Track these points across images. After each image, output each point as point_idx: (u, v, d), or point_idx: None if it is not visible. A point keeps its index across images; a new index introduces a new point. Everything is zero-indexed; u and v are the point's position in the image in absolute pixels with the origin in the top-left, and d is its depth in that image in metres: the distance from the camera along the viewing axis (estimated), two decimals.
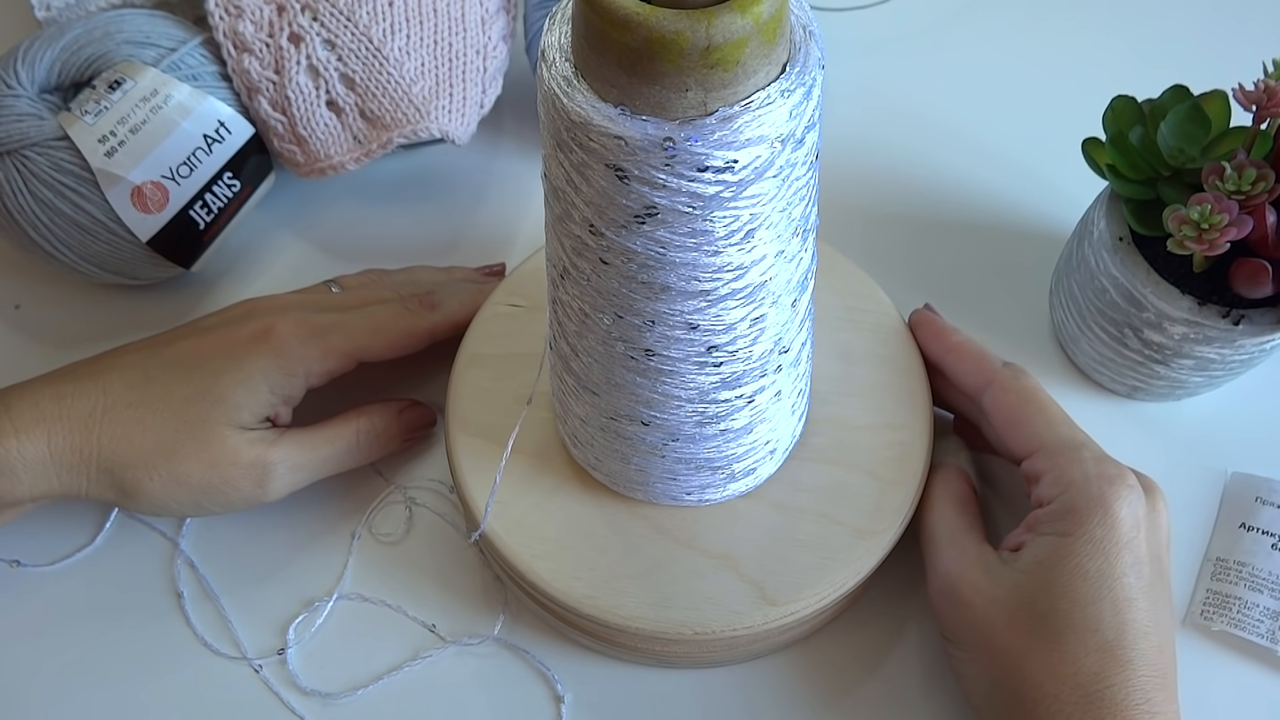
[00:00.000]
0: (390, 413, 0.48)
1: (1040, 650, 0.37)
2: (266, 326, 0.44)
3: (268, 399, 0.43)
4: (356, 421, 0.46)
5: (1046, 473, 0.41)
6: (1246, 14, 0.64)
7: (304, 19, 0.51)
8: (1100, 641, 0.37)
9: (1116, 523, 0.38)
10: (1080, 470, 0.40)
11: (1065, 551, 0.38)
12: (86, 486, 0.42)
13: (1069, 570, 0.38)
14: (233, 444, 0.42)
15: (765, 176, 0.30)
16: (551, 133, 0.32)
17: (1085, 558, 0.38)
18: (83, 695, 0.44)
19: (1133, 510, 0.39)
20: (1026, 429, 0.42)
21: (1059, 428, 0.42)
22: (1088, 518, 0.38)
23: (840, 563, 0.42)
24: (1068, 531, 0.39)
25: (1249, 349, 0.44)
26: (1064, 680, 0.36)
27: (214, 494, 0.43)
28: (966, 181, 0.58)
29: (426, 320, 0.48)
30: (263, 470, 0.43)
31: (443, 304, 0.49)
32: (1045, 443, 0.41)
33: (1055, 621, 0.37)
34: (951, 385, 0.45)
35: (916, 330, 0.47)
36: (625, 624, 0.41)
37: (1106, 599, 0.37)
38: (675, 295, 0.33)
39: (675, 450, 0.39)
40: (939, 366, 0.46)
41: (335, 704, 0.44)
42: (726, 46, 0.27)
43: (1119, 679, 0.36)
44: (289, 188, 0.57)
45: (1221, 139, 0.44)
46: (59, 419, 0.41)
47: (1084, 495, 0.39)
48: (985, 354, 0.44)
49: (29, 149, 0.47)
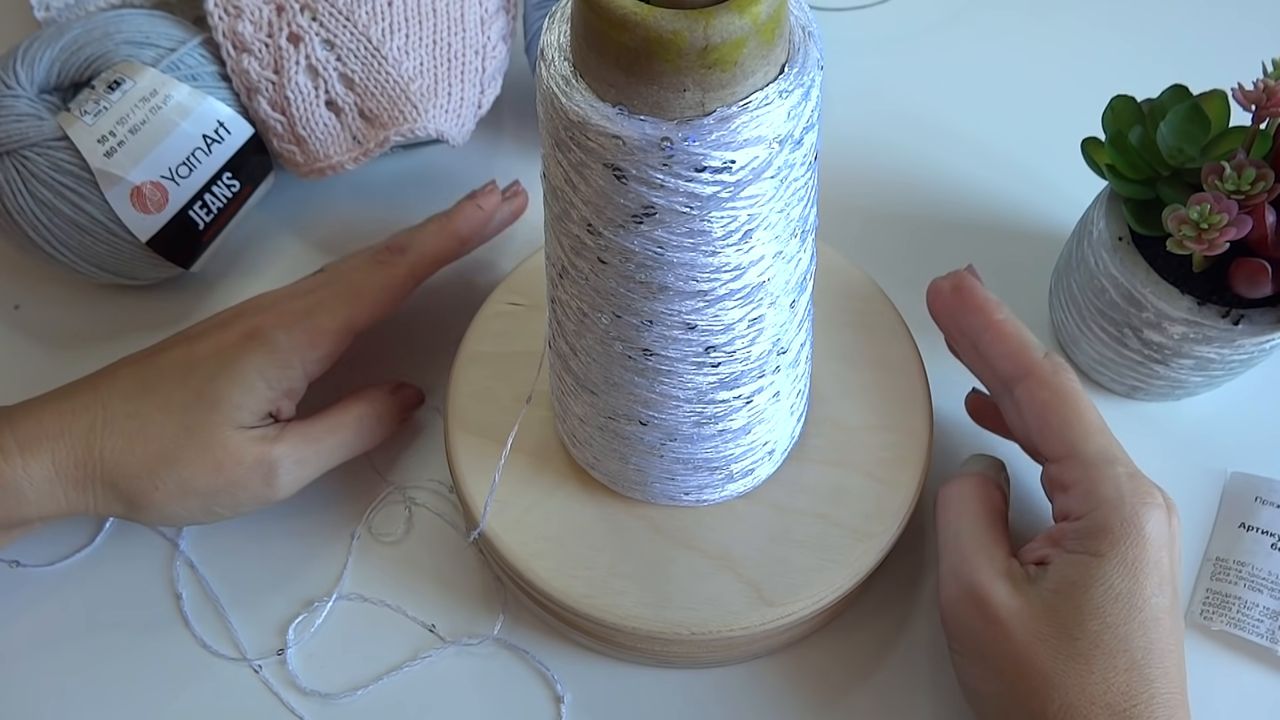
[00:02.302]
0: (384, 393, 0.48)
1: (1071, 671, 0.36)
2: (253, 327, 0.44)
3: (266, 395, 0.43)
4: (356, 406, 0.46)
5: (1077, 485, 0.39)
6: (1246, 14, 0.64)
7: (303, 19, 0.51)
8: (1129, 662, 0.36)
9: (1148, 544, 0.37)
10: (1114, 488, 0.38)
11: (1098, 573, 0.37)
12: (93, 503, 0.42)
13: (1101, 592, 0.37)
14: (235, 444, 0.42)
15: (763, 177, 0.30)
16: (550, 132, 0.32)
17: (1117, 579, 0.37)
18: (82, 696, 0.44)
19: (1160, 531, 0.38)
20: (1061, 432, 0.40)
21: (1095, 437, 0.40)
22: (1120, 539, 0.37)
23: (838, 564, 0.42)
24: (1100, 552, 0.38)
25: (1249, 349, 0.44)
26: (1094, 700, 0.36)
27: (222, 497, 0.43)
28: (966, 181, 0.58)
29: (401, 266, 0.47)
30: (269, 467, 0.43)
31: (413, 243, 0.48)
32: (1079, 452, 0.40)
33: (1085, 643, 0.36)
34: (983, 363, 0.43)
35: (951, 297, 0.43)
36: (622, 623, 0.41)
37: (1136, 620, 0.37)
38: (673, 295, 0.33)
39: (673, 450, 0.39)
40: (973, 342, 0.43)
41: (335, 704, 0.44)
42: (724, 47, 0.27)
43: (1144, 697, 0.36)
44: (289, 188, 0.57)
45: (1221, 139, 0.44)
46: (61, 435, 0.41)
47: (1118, 515, 0.38)
48: (1027, 339, 0.42)
49: (28, 149, 0.47)
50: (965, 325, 0.43)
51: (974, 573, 0.39)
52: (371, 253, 0.48)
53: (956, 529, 0.41)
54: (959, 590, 0.40)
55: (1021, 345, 0.41)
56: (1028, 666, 0.37)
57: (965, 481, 0.43)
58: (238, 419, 0.42)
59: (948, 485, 0.43)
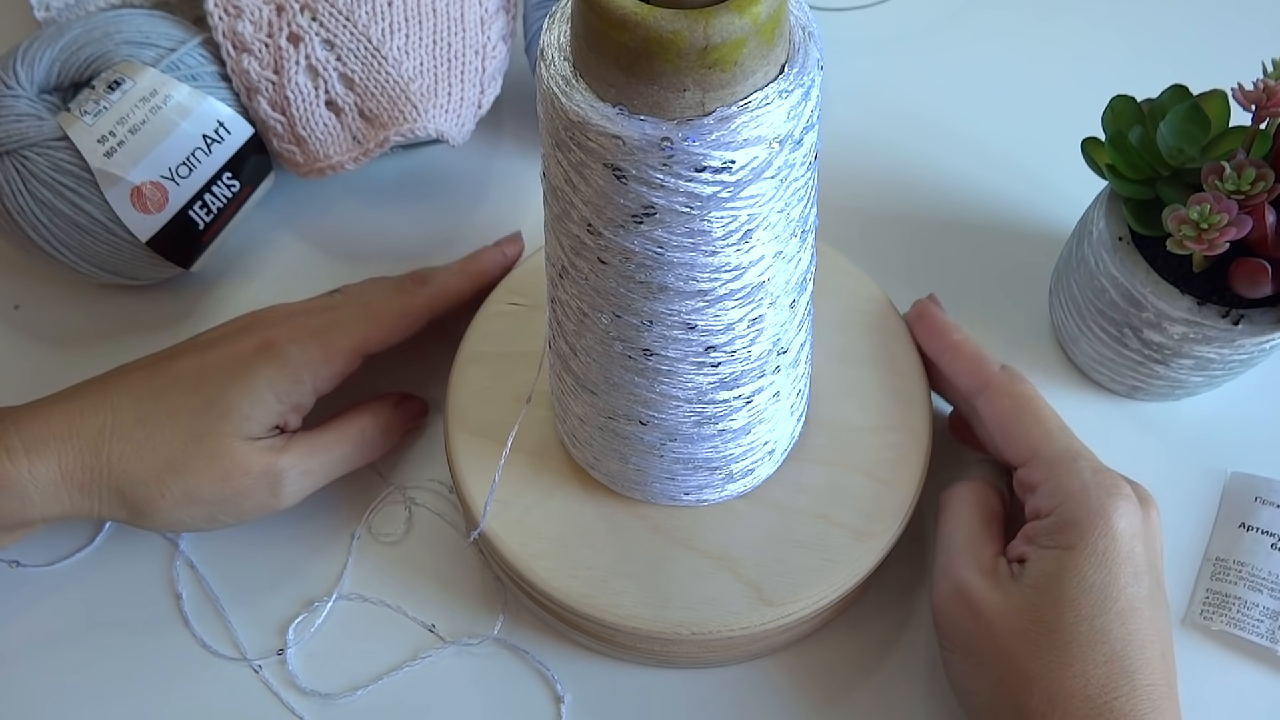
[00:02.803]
0: (388, 405, 0.48)
1: (1050, 664, 0.37)
2: (267, 340, 0.44)
3: (275, 408, 0.43)
4: (360, 418, 0.46)
5: (1043, 483, 0.41)
6: (1246, 14, 0.64)
7: (303, 19, 0.51)
8: (1108, 653, 0.37)
9: (1116, 535, 0.38)
10: (1078, 481, 0.40)
11: (1069, 565, 0.38)
12: (98, 507, 0.42)
13: (1074, 584, 0.38)
14: (242, 454, 0.42)
15: (763, 177, 0.30)
16: (550, 132, 0.32)
17: (1088, 570, 0.38)
18: (82, 695, 0.44)
19: (1131, 522, 0.39)
20: (1022, 437, 0.42)
21: (1056, 437, 0.42)
22: (1088, 530, 0.38)
23: (838, 564, 0.42)
24: (1070, 545, 0.38)
25: (1248, 349, 0.44)
26: (1074, 694, 0.36)
27: (227, 506, 0.43)
28: (966, 181, 0.58)
29: (421, 297, 0.48)
30: (274, 477, 0.43)
31: (434, 278, 0.49)
32: (1041, 452, 0.41)
33: (1063, 635, 0.37)
34: (946, 381, 0.45)
35: (915, 324, 0.47)
36: (622, 623, 0.41)
37: (1112, 611, 0.37)
38: (673, 295, 0.33)
39: (673, 450, 0.39)
40: (935, 363, 0.46)
41: (335, 704, 0.44)
42: (724, 47, 0.27)
43: (1125, 690, 0.36)
44: (289, 188, 0.57)
45: (1221, 139, 0.44)
46: (69, 438, 0.41)
47: (1083, 507, 0.39)
48: (982, 356, 0.44)
49: (28, 149, 0.47)
50: (928, 348, 0.46)
51: (961, 570, 0.40)
52: (393, 281, 0.49)
53: (951, 530, 0.42)
54: (948, 587, 0.41)
55: (978, 360, 0.44)
56: (1011, 661, 0.38)
57: (965, 485, 0.44)
58: (246, 430, 0.43)
59: (949, 489, 0.44)
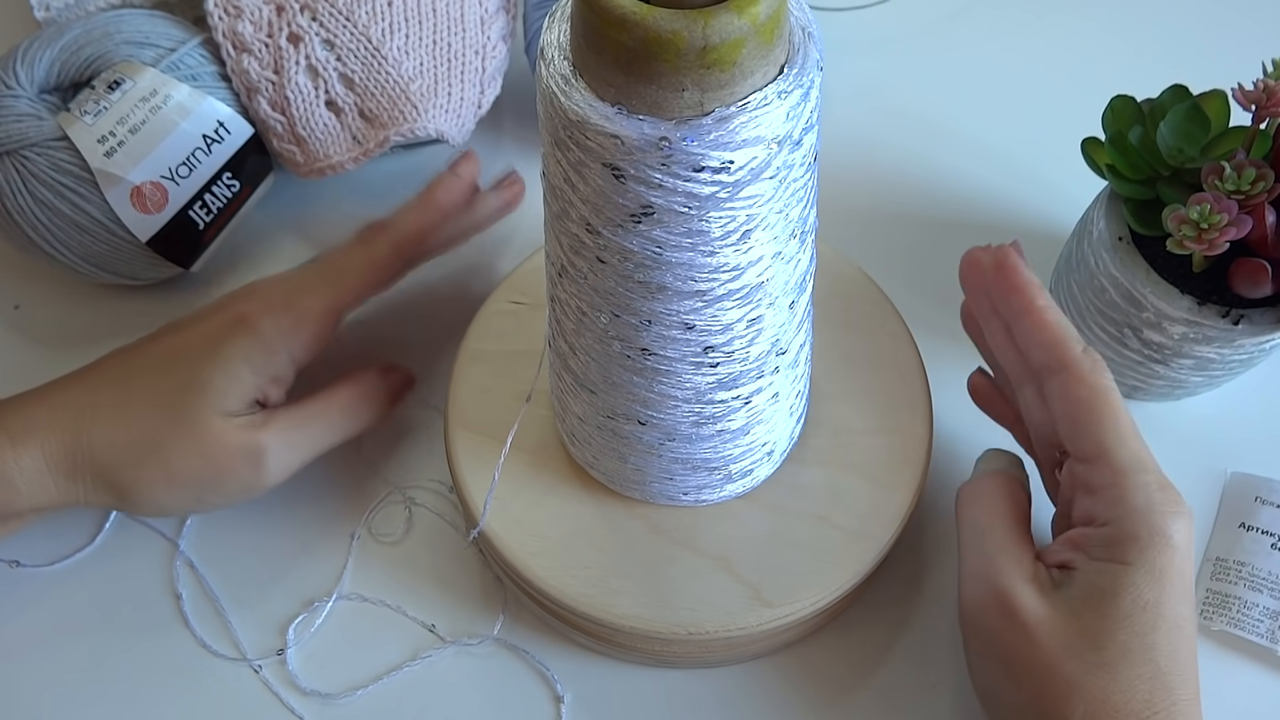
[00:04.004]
0: (373, 374, 0.47)
1: (1096, 679, 0.36)
2: (239, 314, 0.44)
3: (251, 381, 0.43)
4: (343, 389, 0.46)
5: (1106, 489, 0.38)
6: (1246, 14, 0.64)
7: (303, 19, 0.51)
8: (1153, 670, 0.36)
9: (1175, 553, 0.37)
10: (1143, 497, 0.37)
11: (1126, 581, 0.37)
12: (84, 493, 0.42)
13: (1129, 601, 0.36)
14: (221, 431, 0.42)
15: (762, 178, 0.30)
16: (550, 131, 0.32)
17: (1145, 588, 0.37)
18: (82, 696, 0.44)
19: (1186, 539, 0.37)
20: (1094, 432, 0.38)
21: (1127, 441, 0.39)
22: (1148, 547, 0.37)
23: (837, 565, 0.42)
24: (1128, 560, 0.37)
25: (1248, 349, 0.44)
26: (1118, 709, 0.35)
27: (211, 485, 0.43)
28: (966, 181, 0.58)
29: (381, 244, 0.47)
30: (256, 453, 0.42)
31: (393, 222, 0.48)
32: (1112, 455, 0.38)
33: (1113, 652, 0.36)
34: (1011, 348, 0.41)
35: (996, 274, 0.40)
36: (620, 623, 0.41)
37: (1162, 629, 0.36)
38: (671, 295, 0.33)
39: (672, 450, 0.39)
40: (1009, 325, 0.40)
41: (335, 704, 0.44)
42: (723, 47, 0.27)
43: (1165, 705, 0.36)
44: (289, 188, 0.57)
45: (1221, 139, 0.44)
46: (51, 426, 0.41)
47: (1146, 525, 0.37)
48: (1067, 330, 0.39)
49: (28, 149, 0.47)
50: (1003, 306, 0.40)
51: (999, 575, 0.38)
52: (354, 235, 0.48)
53: (983, 529, 0.40)
54: (984, 593, 0.39)
55: (1062, 336, 0.39)
56: (1052, 673, 0.36)
57: (989, 480, 0.41)
58: (223, 406, 0.42)
59: (970, 483, 0.42)
